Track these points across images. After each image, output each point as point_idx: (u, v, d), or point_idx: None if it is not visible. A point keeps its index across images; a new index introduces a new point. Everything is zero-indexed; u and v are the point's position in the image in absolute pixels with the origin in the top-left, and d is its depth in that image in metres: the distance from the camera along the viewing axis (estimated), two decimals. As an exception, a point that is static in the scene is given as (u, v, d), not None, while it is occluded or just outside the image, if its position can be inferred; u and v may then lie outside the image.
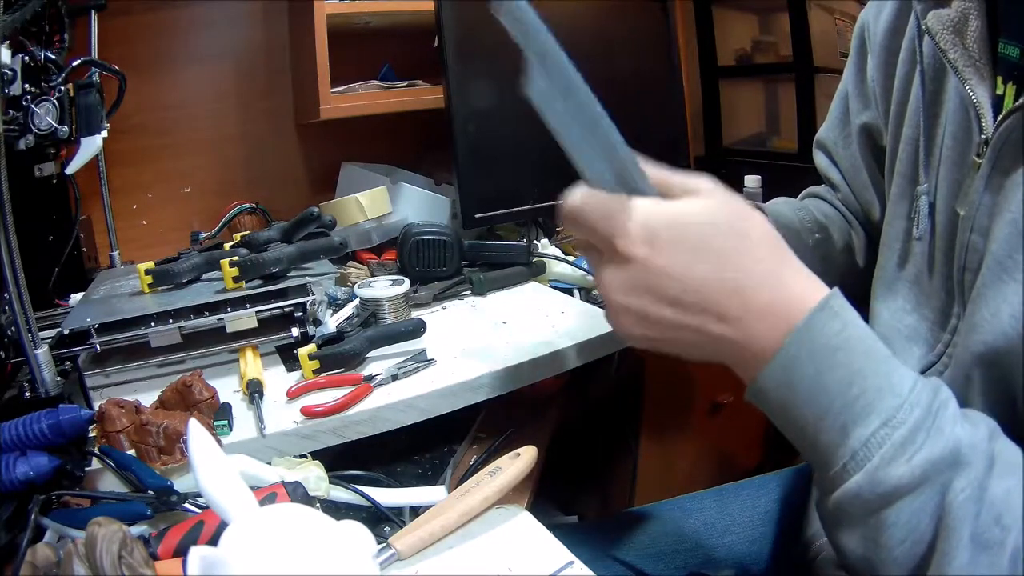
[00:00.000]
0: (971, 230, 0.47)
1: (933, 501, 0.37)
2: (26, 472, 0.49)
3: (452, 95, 1.02)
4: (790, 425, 0.41)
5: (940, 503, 0.37)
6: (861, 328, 0.40)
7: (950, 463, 0.37)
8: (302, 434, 0.64)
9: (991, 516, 0.36)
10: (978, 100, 0.46)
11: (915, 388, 0.38)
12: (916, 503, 0.37)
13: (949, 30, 0.47)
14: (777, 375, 0.39)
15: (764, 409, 0.42)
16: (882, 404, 0.38)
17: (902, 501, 0.37)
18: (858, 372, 0.38)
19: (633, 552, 0.74)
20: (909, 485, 0.37)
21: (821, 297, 0.39)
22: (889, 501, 0.37)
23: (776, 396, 0.40)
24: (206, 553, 0.36)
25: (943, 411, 0.38)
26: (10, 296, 0.59)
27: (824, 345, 0.38)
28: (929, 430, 0.37)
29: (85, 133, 0.85)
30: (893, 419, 0.37)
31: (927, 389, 0.39)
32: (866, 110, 0.64)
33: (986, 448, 0.38)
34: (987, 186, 0.45)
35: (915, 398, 0.38)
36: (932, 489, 0.37)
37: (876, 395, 0.38)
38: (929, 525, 0.37)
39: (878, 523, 0.38)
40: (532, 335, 0.82)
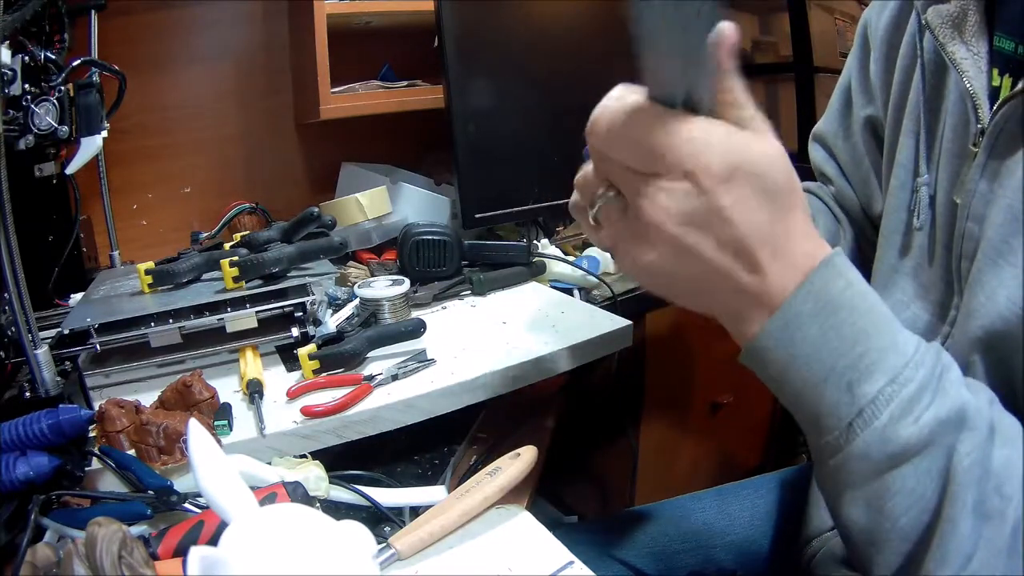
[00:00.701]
0: (967, 218, 0.47)
1: (939, 464, 0.36)
2: (26, 472, 0.49)
3: (452, 95, 1.03)
4: (789, 386, 0.39)
5: (945, 466, 0.36)
6: (865, 287, 0.39)
7: (956, 424, 0.36)
8: (302, 434, 0.64)
9: (993, 485, 0.36)
10: (975, 92, 0.47)
11: (919, 349, 0.38)
12: (922, 466, 0.36)
13: (948, 24, 0.49)
14: (779, 333, 0.38)
15: (761, 370, 0.40)
16: (888, 362, 0.37)
17: (908, 464, 0.36)
18: (863, 331, 0.37)
19: (633, 552, 0.74)
20: (917, 445, 0.36)
21: (825, 253, 0.38)
22: (896, 463, 0.37)
23: (777, 355, 0.39)
24: (206, 553, 0.36)
25: (947, 373, 0.38)
26: (10, 296, 0.59)
27: (828, 303, 0.37)
28: (935, 390, 0.37)
29: (85, 133, 0.85)
30: (900, 376, 0.37)
31: (931, 351, 0.39)
32: (870, 104, 0.64)
33: (988, 414, 0.38)
34: (983, 174, 0.46)
35: (920, 358, 0.37)
36: (938, 451, 0.36)
37: (881, 354, 0.37)
38: (935, 491, 0.36)
39: (883, 488, 0.37)
40: (532, 335, 0.82)
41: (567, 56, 1.12)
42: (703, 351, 1.35)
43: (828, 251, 0.39)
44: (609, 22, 1.12)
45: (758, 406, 1.56)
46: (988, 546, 0.36)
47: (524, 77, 1.10)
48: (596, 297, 1.05)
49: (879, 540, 0.38)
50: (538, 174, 1.12)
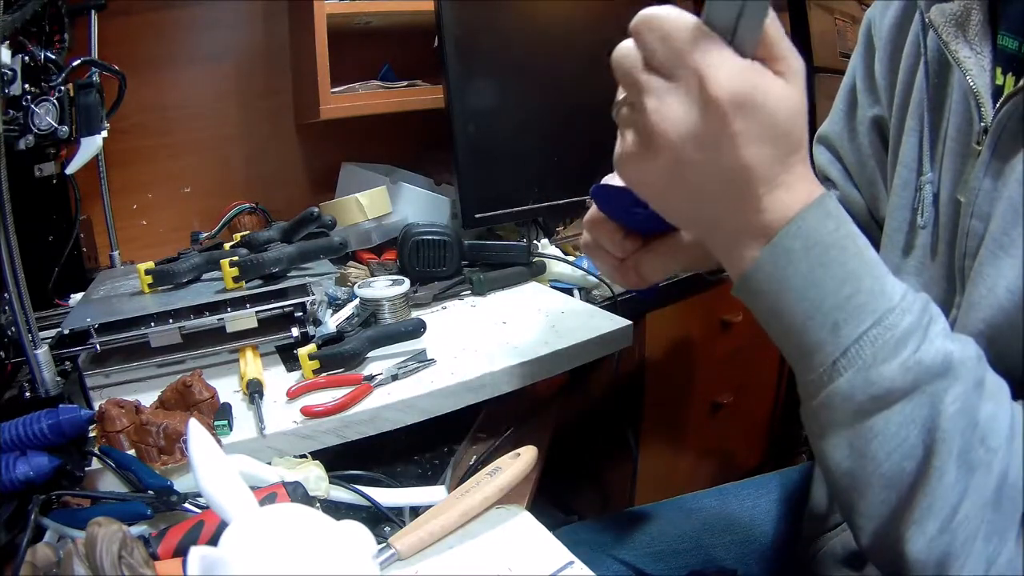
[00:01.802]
0: (971, 216, 0.47)
1: (923, 411, 0.36)
2: (26, 472, 0.49)
3: (452, 95, 1.03)
4: (777, 321, 0.40)
5: (931, 414, 0.36)
6: (854, 230, 0.39)
7: (942, 372, 0.37)
8: (302, 434, 0.64)
9: (978, 436, 0.36)
10: (978, 90, 0.47)
11: (907, 296, 0.39)
12: (907, 410, 0.37)
13: (951, 23, 0.49)
14: (769, 266, 0.39)
15: (751, 303, 0.41)
16: (875, 305, 0.38)
17: (893, 407, 0.37)
18: (852, 272, 0.38)
19: (633, 552, 0.74)
20: (901, 389, 0.37)
21: (818, 194, 0.39)
22: (880, 405, 0.37)
23: (768, 288, 0.39)
24: (206, 553, 0.36)
25: (934, 324, 0.38)
26: (10, 296, 0.59)
27: (818, 242, 0.38)
28: (921, 338, 0.37)
29: (85, 133, 0.85)
30: (886, 320, 0.37)
31: (919, 299, 0.39)
32: (876, 104, 0.64)
33: (975, 367, 0.38)
34: (986, 172, 0.46)
35: (907, 305, 0.38)
36: (923, 397, 0.37)
37: (869, 296, 0.38)
38: (919, 437, 0.37)
39: (866, 431, 0.37)
40: (532, 335, 0.82)
41: (567, 56, 1.12)
42: (703, 351, 1.35)
43: (820, 191, 0.39)
44: (609, 22, 1.12)
45: (758, 406, 1.56)
46: (974, 497, 0.36)
47: (524, 77, 1.10)
48: (596, 297, 1.05)
49: (861, 484, 0.39)
50: (538, 174, 1.12)
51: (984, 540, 0.36)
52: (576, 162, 1.11)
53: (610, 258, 0.51)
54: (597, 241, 0.53)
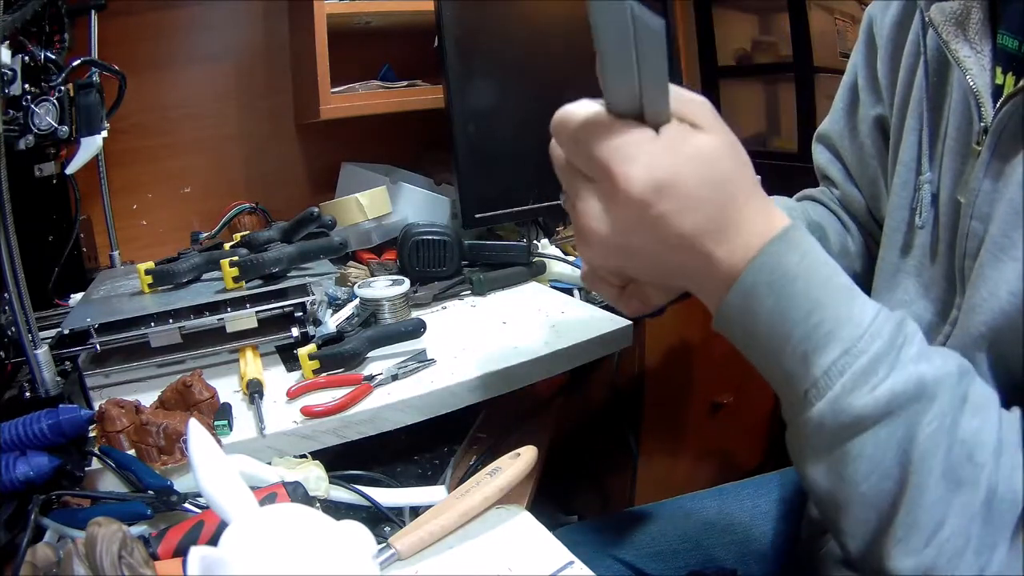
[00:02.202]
0: (971, 217, 0.47)
1: (898, 434, 0.37)
2: (26, 472, 0.49)
3: (452, 95, 1.02)
4: (753, 353, 0.41)
5: (906, 436, 0.36)
6: (821, 258, 0.40)
7: (915, 396, 0.37)
8: (302, 434, 0.64)
9: (963, 453, 0.36)
10: (978, 89, 0.47)
11: (876, 319, 0.38)
12: (881, 435, 0.37)
13: (951, 22, 0.49)
14: (738, 304, 0.39)
15: (728, 337, 0.42)
16: (842, 333, 0.38)
17: (866, 433, 0.37)
18: (817, 301, 0.38)
19: (633, 552, 0.74)
20: (873, 416, 0.37)
21: (780, 227, 0.39)
22: (853, 432, 0.37)
23: (738, 325, 0.40)
24: (206, 553, 0.36)
25: (907, 346, 0.38)
26: (10, 296, 0.59)
27: (783, 275, 0.38)
28: (892, 363, 0.37)
29: (85, 133, 0.85)
30: (854, 348, 0.37)
31: (890, 322, 0.39)
32: (878, 103, 0.64)
33: (955, 384, 0.38)
34: (987, 172, 0.46)
35: (876, 329, 0.38)
36: (897, 421, 0.37)
37: (836, 324, 0.38)
38: (895, 459, 0.37)
39: (842, 455, 0.38)
40: (532, 335, 0.82)
41: (567, 56, 1.12)
42: (703, 351, 1.35)
43: (784, 224, 0.40)
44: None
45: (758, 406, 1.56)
46: (961, 513, 0.36)
47: (524, 77, 1.10)
48: (596, 297, 1.05)
49: (842, 504, 0.39)
50: (538, 174, 1.11)
51: (975, 554, 0.36)
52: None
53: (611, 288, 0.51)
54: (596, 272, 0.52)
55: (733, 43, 1.69)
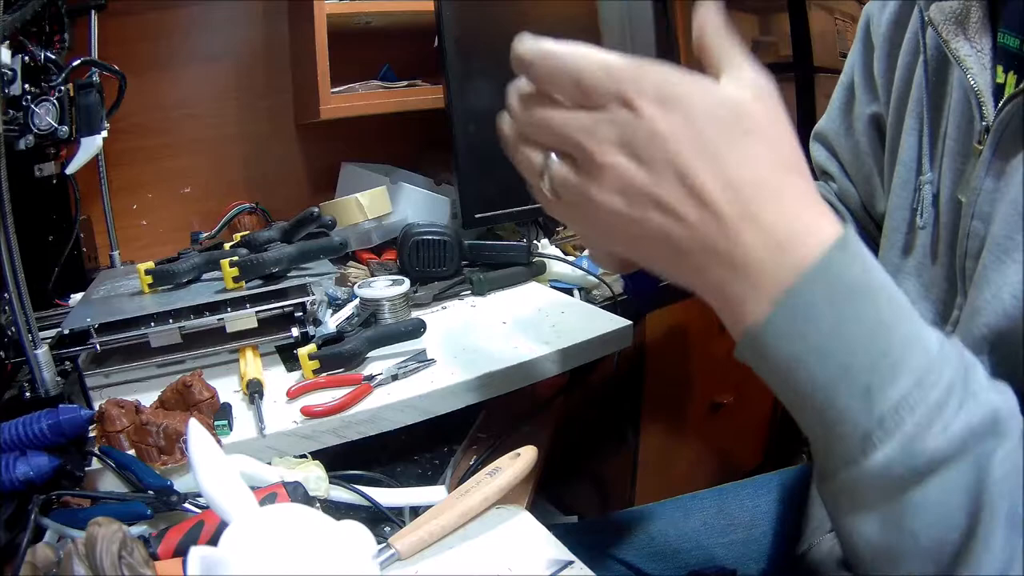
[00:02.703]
0: (973, 216, 0.47)
1: (968, 477, 0.32)
2: (26, 472, 0.49)
3: (452, 95, 1.02)
4: (792, 388, 0.34)
5: (977, 479, 0.31)
6: (882, 271, 0.34)
7: (990, 431, 0.32)
8: (302, 434, 0.64)
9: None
10: (979, 89, 0.46)
11: (944, 343, 0.33)
12: (950, 478, 0.32)
13: (951, 21, 0.48)
14: (785, 324, 0.32)
15: (759, 366, 0.35)
16: (913, 361, 0.32)
17: (934, 477, 0.32)
18: (883, 323, 0.32)
19: (633, 552, 0.74)
20: (945, 458, 0.31)
21: (838, 232, 0.33)
22: (921, 477, 0.32)
23: (783, 351, 0.33)
24: (206, 553, 0.36)
25: (973, 372, 0.33)
26: (10, 296, 0.59)
27: (846, 289, 0.32)
28: (963, 393, 0.32)
29: (85, 133, 0.85)
30: (926, 379, 0.32)
31: (955, 346, 0.34)
32: (874, 102, 0.64)
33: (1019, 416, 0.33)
34: (988, 172, 0.46)
35: (945, 354, 0.33)
36: (968, 462, 0.32)
37: (905, 350, 0.32)
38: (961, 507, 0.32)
39: (904, 504, 0.32)
40: (532, 335, 0.82)
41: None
42: (703, 351, 1.35)
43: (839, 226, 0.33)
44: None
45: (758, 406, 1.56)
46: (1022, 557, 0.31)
47: (524, 77, 1.10)
48: (596, 297, 1.05)
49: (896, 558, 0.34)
50: (538, 174, 1.12)
51: None
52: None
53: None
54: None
55: (733, 43, 1.69)
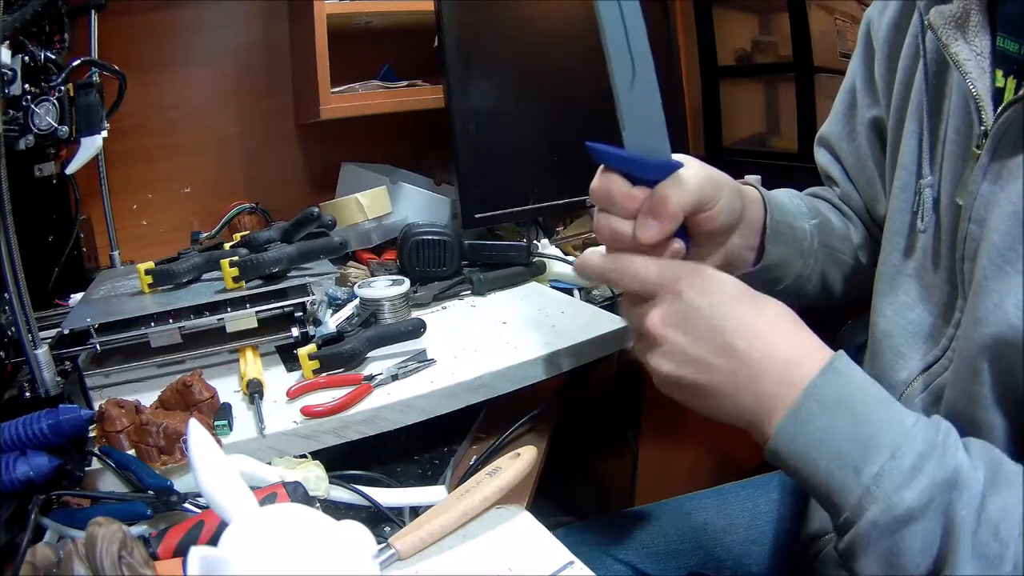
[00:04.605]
0: (969, 220, 0.47)
1: (940, 520, 0.39)
2: (26, 472, 0.49)
3: (452, 95, 1.03)
4: (804, 476, 0.44)
5: (947, 522, 0.39)
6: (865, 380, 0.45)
7: (951, 485, 0.40)
8: (302, 434, 0.64)
9: (989, 531, 0.38)
10: (978, 93, 0.46)
11: (917, 422, 0.42)
12: (926, 524, 0.40)
13: (951, 25, 0.48)
14: (791, 429, 0.44)
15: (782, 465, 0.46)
16: (888, 439, 0.41)
17: (915, 523, 0.40)
18: (864, 417, 0.43)
19: (633, 552, 0.74)
20: (919, 507, 0.40)
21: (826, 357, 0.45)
22: (903, 524, 0.40)
23: (793, 449, 0.44)
24: (206, 553, 0.36)
25: (948, 438, 0.42)
26: (10, 296, 0.59)
27: (834, 399, 0.43)
28: (936, 458, 0.41)
29: (85, 133, 0.85)
30: (899, 451, 0.41)
31: (929, 424, 0.43)
32: (875, 105, 0.64)
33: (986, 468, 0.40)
34: (985, 176, 0.46)
35: (916, 430, 0.42)
36: (938, 511, 0.40)
37: (881, 431, 0.42)
38: (939, 544, 0.39)
39: (895, 547, 0.40)
40: (532, 335, 0.82)
41: (567, 56, 1.12)
42: (703, 351, 1.34)
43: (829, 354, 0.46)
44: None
45: (758, 406, 1.55)
46: None
47: (524, 77, 1.10)
48: (596, 297, 1.05)
49: None
50: (538, 174, 1.12)
51: None
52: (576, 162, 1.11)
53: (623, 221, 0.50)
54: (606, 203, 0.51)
55: (733, 43, 1.69)
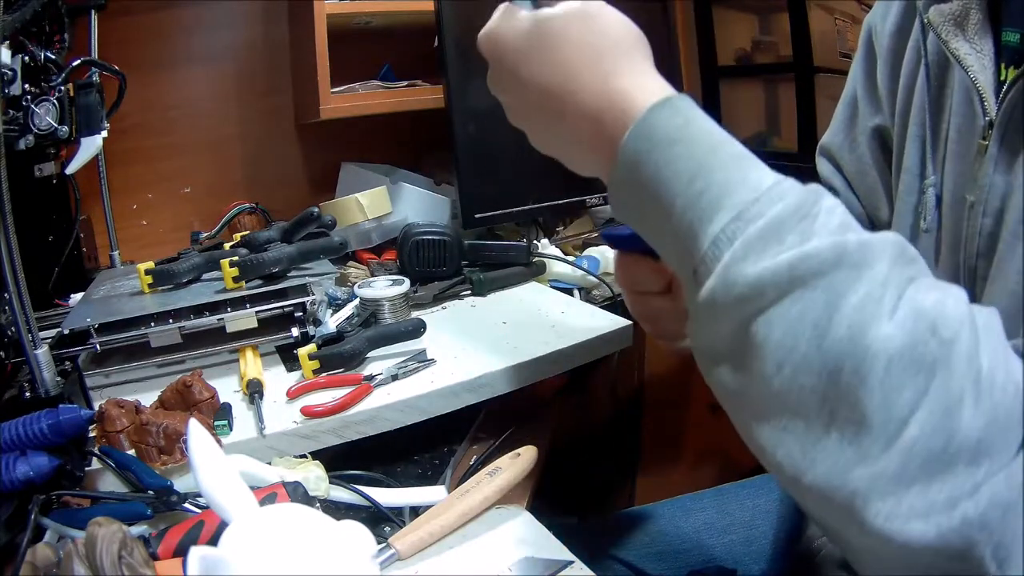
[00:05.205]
0: (982, 214, 0.47)
1: (816, 309, 0.29)
2: (26, 472, 0.49)
3: (452, 95, 1.03)
4: (647, 233, 0.38)
5: (826, 311, 0.29)
6: (711, 126, 0.36)
7: (834, 262, 0.30)
8: (302, 434, 0.64)
9: (924, 326, 0.29)
10: (980, 85, 0.46)
11: (779, 185, 0.33)
12: (791, 312, 0.30)
13: (950, 22, 0.49)
14: (623, 175, 0.36)
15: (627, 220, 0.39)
16: (732, 199, 0.32)
17: (771, 309, 0.30)
18: (701, 165, 0.34)
19: (633, 552, 0.74)
20: (776, 285, 0.30)
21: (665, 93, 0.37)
22: (754, 309, 0.31)
23: (628, 201, 0.37)
24: (206, 553, 0.36)
25: (826, 216, 0.32)
26: (10, 296, 0.59)
27: (663, 139, 0.35)
28: (804, 231, 0.31)
29: (85, 133, 0.85)
30: (747, 212, 0.32)
31: (800, 190, 0.33)
32: (877, 113, 0.64)
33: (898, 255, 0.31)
34: (996, 167, 0.46)
35: (777, 194, 0.32)
36: (812, 293, 0.29)
37: (724, 189, 0.33)
38: (813, 341, 0.29)
39: (745, 342, 0.31)
40: (532, 335, 0.82)
41: None
42: (703, 351, 1.34)
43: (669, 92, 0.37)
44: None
45: (758, 406, 1.55)
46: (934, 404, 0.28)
47: (524, 77, 1.10)
48: (596, 297, 1.05)
49: (755, 406, 0.32)
50: (538, 174, 1.12)
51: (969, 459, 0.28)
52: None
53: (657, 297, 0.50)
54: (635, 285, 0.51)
55: (733, 43, 1.69)
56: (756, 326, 0.31)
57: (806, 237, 0.31)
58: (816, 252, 0.30)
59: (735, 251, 0.31)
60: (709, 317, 0.33)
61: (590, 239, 1.25)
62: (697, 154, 0.34)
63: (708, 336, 0.34)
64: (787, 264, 0.30)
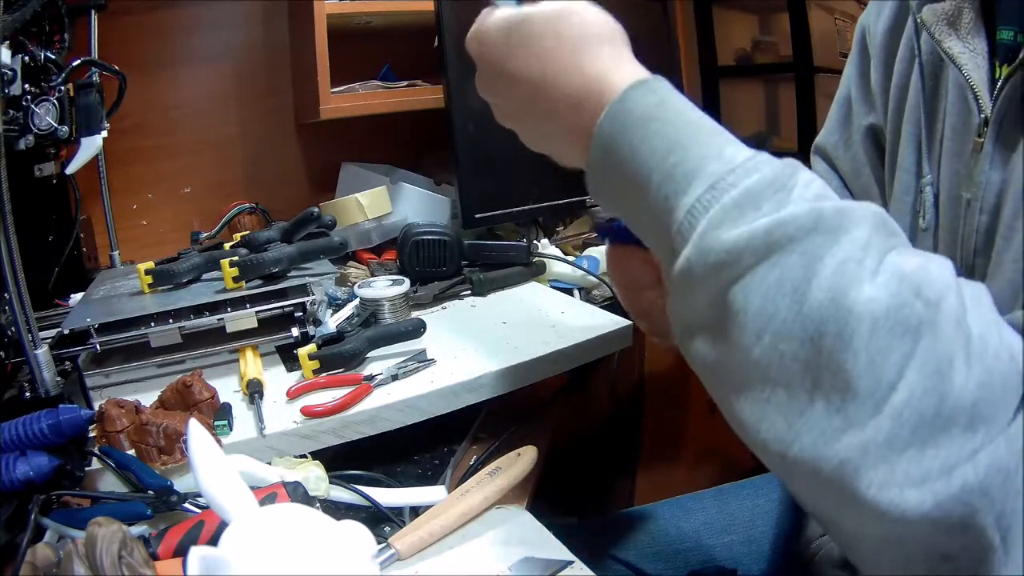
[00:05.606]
0: (979, 211, 0.47)
1: (794, 274, 0.29)
2: (26, 472, 0.49)
3: (452, 95, 1.03)
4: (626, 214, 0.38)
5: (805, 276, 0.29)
6: (685, 104, 0.36)
7: (811, 228, 0.29)
8: (302, 434, 0.64)
9: (908, 288, 0.28)
10: (974, 83, 0.46)
11: (755, 158, 0.33)
12: (769, 278, 0.29)
13: (943, 21, 0.49)
14: (600, 156, 0.37)
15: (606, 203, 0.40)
16: (707, 170, 0.32)
17: (749, 276, 0.29)
18: (676, 142, 0.34)
19: (633, 552, 0.74)
20: (752, 251, 0.29)
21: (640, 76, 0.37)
22: (731, 276, 0.30)
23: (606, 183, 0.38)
24: (206, 553, 0.36)
25: (801, 187, 0.32)
26: (10, 296, 0.59)
27: (638, 118, 0.35)
28: (779, 202, 0.31)
29: (85, 133, 0.85)
30: (721, 182, 0.32)
31: (776, 163, 0.33)
32: (871, 113, 0.64)
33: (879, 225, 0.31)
34: (992, 164, 0.46)
35: (753, 165, 0.32)
36: (789, 259, 0.29)
37: (699, 162, 0.33)
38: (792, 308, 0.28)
39: (724, 310, 0.30)
40: (532, 335, 0.82)
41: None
42: (703, 351, 1.34)
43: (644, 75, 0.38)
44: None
45: (758, 406, 1.55)
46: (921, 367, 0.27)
47: (524, 77, 1.10)
48: (596, 297, 1.05)
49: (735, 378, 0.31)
50: (538, 174, 1.12)
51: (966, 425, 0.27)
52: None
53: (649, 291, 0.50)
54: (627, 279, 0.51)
55: (733, 43, 1.70)
56: (733, 294, 0.30)
57: (782, 204, 0.31)
58: (793, 218, 0.30)
59: (711, 218, 0.31)
60: (685, 287, 0.32)
61: (590, 239, 1.25)
62: (672, 130, 0.35)
63: (685, 308, 0.33)
64: (764, 229, 0.30)
